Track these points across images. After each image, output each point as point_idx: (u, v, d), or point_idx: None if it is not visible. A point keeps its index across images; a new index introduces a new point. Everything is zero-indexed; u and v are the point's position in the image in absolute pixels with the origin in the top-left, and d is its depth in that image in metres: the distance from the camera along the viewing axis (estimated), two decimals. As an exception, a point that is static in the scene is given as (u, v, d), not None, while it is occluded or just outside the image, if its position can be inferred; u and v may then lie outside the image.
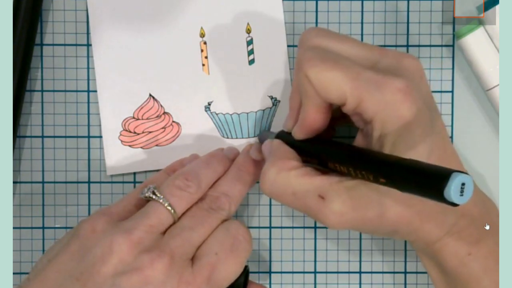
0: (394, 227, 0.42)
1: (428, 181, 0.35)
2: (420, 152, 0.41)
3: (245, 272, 0.45)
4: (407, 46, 0.51)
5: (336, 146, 0.44)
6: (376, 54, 0.43)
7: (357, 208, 0.41)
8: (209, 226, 0.44)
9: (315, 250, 0.51)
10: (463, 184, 0.34)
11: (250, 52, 0.50)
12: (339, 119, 0.47)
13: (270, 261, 0.51)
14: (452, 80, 0.51)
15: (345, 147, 0.44)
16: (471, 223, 0.43)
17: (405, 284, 0.51)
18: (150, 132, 0.51)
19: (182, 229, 0.43)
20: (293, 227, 0.51)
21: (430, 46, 0.51)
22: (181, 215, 0.44)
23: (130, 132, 0.50)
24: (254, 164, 0.48)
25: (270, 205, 0.51)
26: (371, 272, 0.51)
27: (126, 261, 0.41)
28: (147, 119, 0.50)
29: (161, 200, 0.44)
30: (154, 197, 0.44)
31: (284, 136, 0.47)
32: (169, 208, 0.44)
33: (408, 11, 0.50)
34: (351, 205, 0.41)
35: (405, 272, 0.51)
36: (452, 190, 0.33)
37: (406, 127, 0.41)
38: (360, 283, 0.51)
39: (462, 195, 0.34)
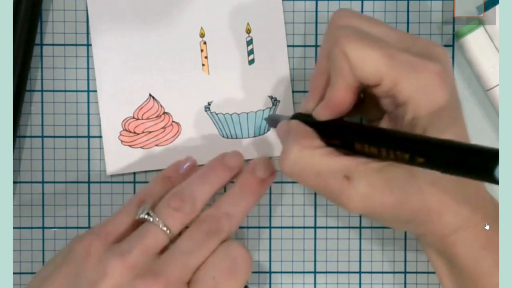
0: (413, 215, 0.41)
1: (477, 160, 0.35)
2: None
3: None
4: (407, 46, 0.51)
5: (364, 127, 0.43)
6: (408, 39, 0.43)
7: (382, 191, 0.40)
8: (207, 249, 0.44)
9: (315, 250, 0.51)
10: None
11: (250, 52, 0.50)
12: (360, 105, 0.46)
13: (270, 261, 0.51)
14: (452, 80, 0.51)
15: (374, 128, 0.43)
16: (484, 218, 0.43)
17: (405, 284, 0.51)
18: (150, 132, 0.50)
19: (180, 253, 0.43)
20: (293, 227, 0.51)
21: (430, 46, 0.50)
22: (178, 233, 0.44)
23: (130, 132, 0.50)
24: (258, 184, 0.47)
25: (270, 205, 0.51)
26: (371, 272, 0.51)
27: (121, 285, 0.41)
28: (147, 119, 0.50)
29: (156, 222, 0.44)
30: (149, 218, 0.44)
31: (301, 118, 0.45)
32: (165, 229, 0.43)
33: (408, 11, 0.50)
34: (377, 187, 0.40)
35: (405, 272, 0.51)
36: (500, 168, 0.34)
37: (438, 112, 0.40)
38: (360, 283, 0.51)
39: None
